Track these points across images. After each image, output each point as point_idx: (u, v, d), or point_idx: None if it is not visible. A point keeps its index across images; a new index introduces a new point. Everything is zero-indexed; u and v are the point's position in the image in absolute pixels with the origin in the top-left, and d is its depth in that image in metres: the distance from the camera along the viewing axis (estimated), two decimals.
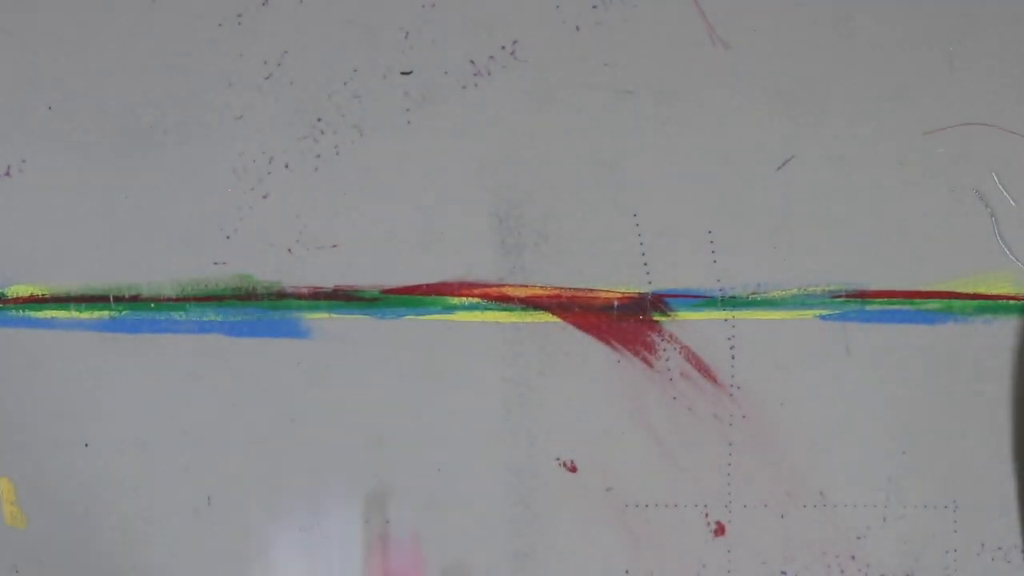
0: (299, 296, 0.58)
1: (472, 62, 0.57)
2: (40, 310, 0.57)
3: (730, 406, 0.58)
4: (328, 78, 0.57)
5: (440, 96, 0.57)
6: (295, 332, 0.58)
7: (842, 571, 0.58)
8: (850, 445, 0.58)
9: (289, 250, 0.57)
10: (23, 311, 0.57)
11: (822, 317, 0.58)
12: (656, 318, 0.58)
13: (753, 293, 0.58)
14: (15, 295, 0.57)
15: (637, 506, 0.58)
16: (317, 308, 0.58)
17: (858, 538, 0.58)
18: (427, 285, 0.58)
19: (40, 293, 0.57)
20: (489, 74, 0.57)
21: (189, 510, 0.58)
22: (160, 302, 0.57)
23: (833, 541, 0.58)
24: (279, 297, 0.58)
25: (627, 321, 0.58)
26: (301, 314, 0.58)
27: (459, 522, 0.58)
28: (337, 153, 0.57)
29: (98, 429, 0.58)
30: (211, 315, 0.57)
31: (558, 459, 0.58)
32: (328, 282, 0.58)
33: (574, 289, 0.57)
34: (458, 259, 0.57)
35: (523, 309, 0.58)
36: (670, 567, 0.58)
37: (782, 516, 0.58)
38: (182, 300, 0.57)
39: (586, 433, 0.58)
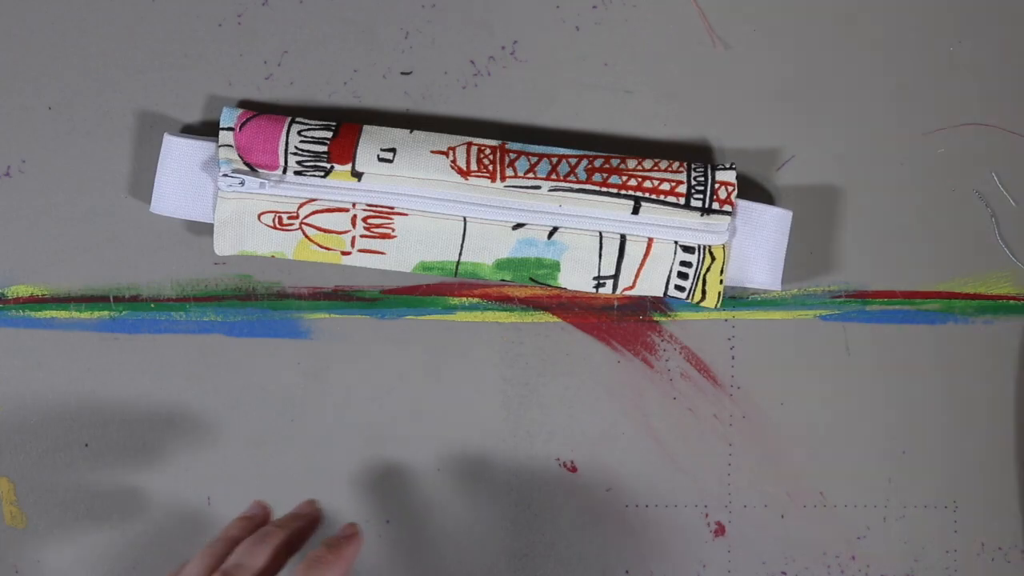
0: (299, 296, 0.58)
1: (472, 62, 0.57)
2: (40, 310, 0.58)
3: (730, 406, 0.58)
4: (328, 78, 0.57)
5: (440, 96, 0.57)
6: (295, 332, 0.58)
7: (842, 571, 0.58)
8: (850, 445, 0.58)
9: None
10: (23, 311, 0.57)
11: (822, 317, 0.58)
12: (656, 318, 0.58)
13: (753, 293, 0.58)
14: (15, 295, 0.57)
15: (637, 506, 0.58)
16: (317, 308, 0.58)
17: (858, 538, 0.58)
18: (427, 285, 0.58)
19: (40, 293, 0.57)
20: (489, 74, 0.57)
21: (189, 510, 0.58)
22: (160, 302, 0.57)
23: (833, 541, 0.58)
24: (279, 297, 0.58)
25: (627, 321, 0.58)
26: (301, 314, 0.58)
27: (459, 522, 0.58)
28: None
29: (98, 429, 0.58)
30: (211, 315, 0.58)
31: (558, 459, 0.58)
32: (328, 282, 0.58)
33: (574, 289, 0.57)
34: None
35: (523, 309, 0.58)
36: (670, 567, 0.58)
37: (782, 516, 0.58)
38: (182, 300, 0.57)
39: (586, 433, 0.58)
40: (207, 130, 0.57)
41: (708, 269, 0.54)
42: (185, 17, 0.57)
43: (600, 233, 0.54)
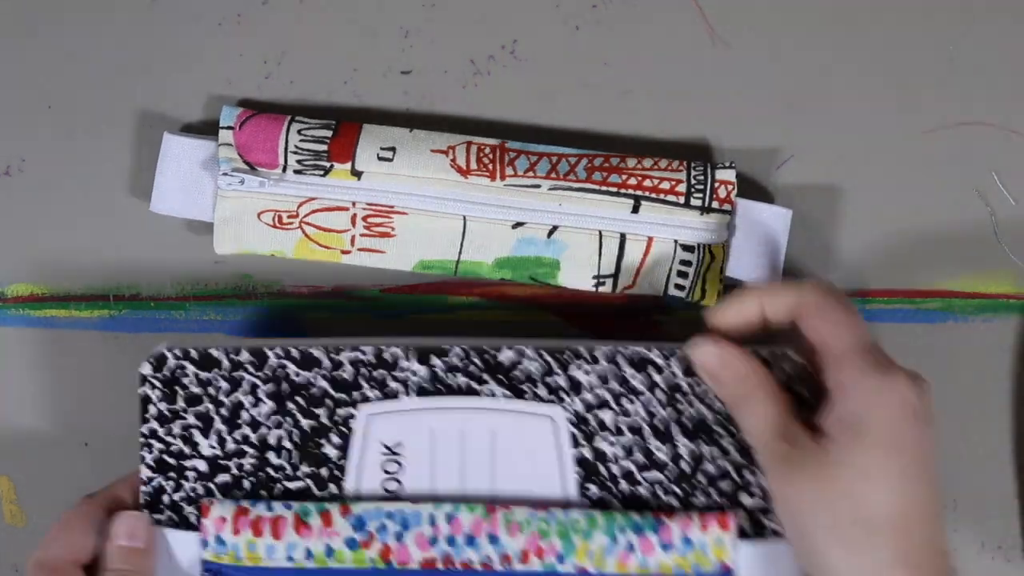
0: (299, 296, 0.58)
1: (472, 62, 0.57)
2: (40, 309, 0.58)
3: None
4: (328, 78, 0.57)
5: (440, 96, 0.57)
6: (295, 332, 0.58)
7: None
8: None
9: None
10: (23, 310, 0.58)
11: None
12: (656, 318, 0.58)
13: None
14: (15, 294, 0.57)
15: None
16: (317, 308, 0.58)
17: None
18: (427, 284, 0.58)
19: (40, 292, 0.58)
20: (489, 74, 0.57)
21: None
22: (160, 301, 0.57)
23: None
24: (279, 297, 0.58)
25: (627, 321, 0.58)
26: (301, 314, 0.58)
27: None
28: None
29: (98, 429, 0.58)
30: (211, 314, 0.58)
31: None
32: (328, 282, 0.58)
33: (574, 288, 0.57)
34: None
35: (523, 309, 0.58)
36: None
37: None
38: (182, 299, 0.57)
39: None
40: (207, 129, 0.57)
41: (708, 268, 0.54)
42: (185, 17, 0.57)
43: (600, 232, 0.54)
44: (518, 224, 0.54)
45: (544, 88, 0.57)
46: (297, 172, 0.54)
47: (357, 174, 0.54)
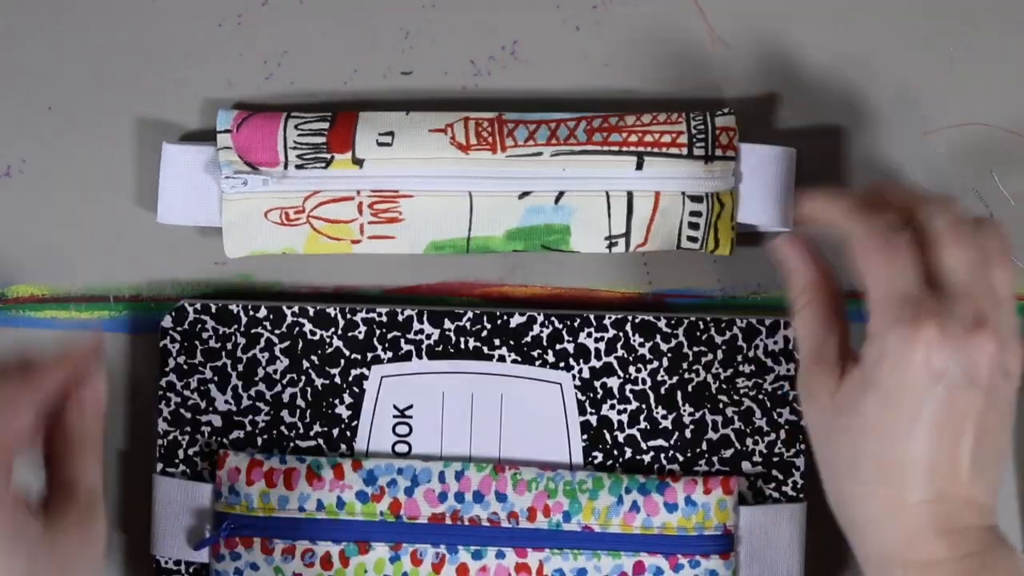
0: (300, 296, 0.58)
1: (472, 62, 0.57)
2: (40, 310, 0.58)
3: None
4: (328, 78, 0.57)
5: (440, 97, 0.57)
6: None
7: None
8: None
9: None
10: (23, 311, 0.57)
11: None
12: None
13: (753, 293, 0.58)
14: (15, 295, 0.57)
15: None
16: None
17: None
18: (427, 285, 0.58)
19: (40, 293, 0.58)
20: (489, 74, 0.57)
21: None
22: (161, 302, 0.57)
23: None
24: (280, 297, 0.58)
25: None
26: None
27: None
28: None
29: None
30: None
31: None
32: (329, 281, 0.58)
33: (574, 289, 0.57)
34: (459, 259, 0.57)
35: (524, 309, 0.58)
36: None
37: None
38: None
39: None
40: (205, 134, 0.56)
41: (719, 216, 0.54)
42: (185, 17, 0.57)
43: (607, 192, 0.54)
44: (524, 194, 0.54)
45: (544, 88, 0.57)
46: (299, 167, 0.54)
47: (359, 162, 0.54)
